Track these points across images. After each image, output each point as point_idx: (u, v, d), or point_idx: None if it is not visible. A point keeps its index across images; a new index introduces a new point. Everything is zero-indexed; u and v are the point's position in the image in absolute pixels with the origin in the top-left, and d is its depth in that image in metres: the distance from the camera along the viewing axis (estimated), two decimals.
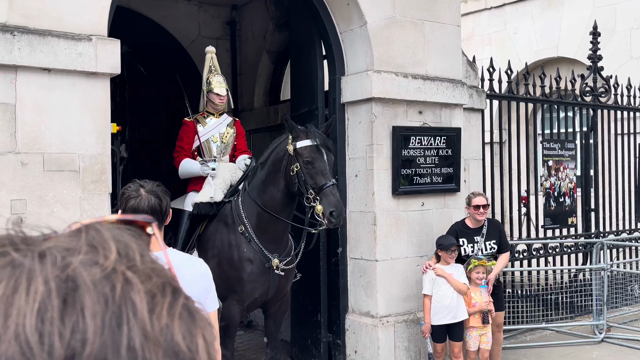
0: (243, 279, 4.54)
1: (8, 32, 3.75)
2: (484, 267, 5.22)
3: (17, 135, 3.81)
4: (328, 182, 4.25)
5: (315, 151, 4.31)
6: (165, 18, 7.29)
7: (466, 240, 5.31)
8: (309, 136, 4.34)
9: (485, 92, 6.62)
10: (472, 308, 5.11)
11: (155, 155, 6.90)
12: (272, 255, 4.50)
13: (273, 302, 4.74)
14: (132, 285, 0.47)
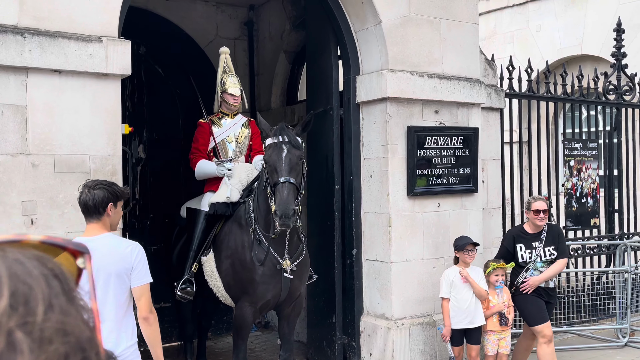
0: (255, 280, 4.51)
1: (19, 34, 3.77)
2: (502, 270, 5.13)
3: (28, 136, 3.83)
4: (280, 179, 4.07)
5: (274, 148, 4.19)
6: (183, 19, 7.29)
7: (524, 246, 5.09)
8: (273, 134, 4.24)
9: (504, 91, 6.50)
10: (489, 310, 5.02)
11: (173, 155, 6.90)
12: (282, 257, 4.46)
13: (286, 304, 4.70)
14: (15, 354, 0.34)
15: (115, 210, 3.10)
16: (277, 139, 4.21)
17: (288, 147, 4.17)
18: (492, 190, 6.35)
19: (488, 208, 6.27)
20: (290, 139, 4.21)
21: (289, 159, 4.15)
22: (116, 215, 3.13)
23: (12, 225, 3.78)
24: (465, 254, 5.01)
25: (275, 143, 4.20)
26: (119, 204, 3.13)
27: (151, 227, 6.91)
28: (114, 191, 3.05)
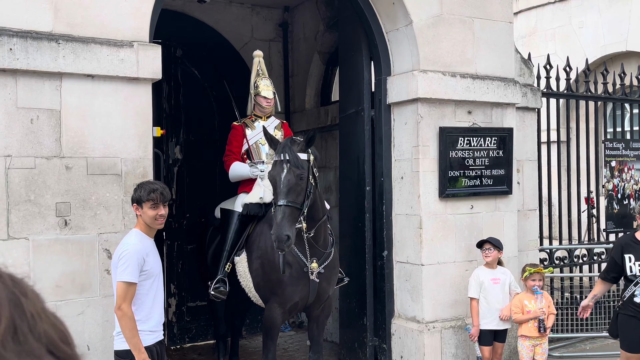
0: (283, 281, 4.53)
1: (53, 41, 3.88)
2: (540, 275, 5.03)
3: (62, 140, 3.94)
4: (279, 202, 4.05)
5: (275, 167, 4.17)
6: (219, 21, 7.38)
7: (633, 257, 4.38)
8: (277, 151, 4.20)
9: (540, 90, 6.36)
10: (525, 315, 4.93)
11: (209, 156, 7.00)
12: (309, 259, 4.46)
13: (315, 306, 4.71)
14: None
15: (142, 210, 3.42)
16: (278, 157, 4.17)
17: (288, 166, 4.10)
18: (528, 192, 6.23)
19: (524, 210, 6.15)
20: (291, 157, 4.12)
21: (287, 179, 4.09)
22: (144, 214, 3.42)
23: (47, 226, 3.90)
24: (482, 252, 5.09)
25: (277, 162, 4.18)
26: (144, 204, 3.40)
27: (187, 227, 7.02)
28: (137, 194, 3.44)
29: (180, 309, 6.97)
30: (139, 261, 3.34)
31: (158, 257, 3.58)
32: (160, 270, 3.56)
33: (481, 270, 5.10)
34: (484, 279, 5.03)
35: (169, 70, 6.81)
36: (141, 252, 3.36)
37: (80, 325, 3.99)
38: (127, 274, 3.29)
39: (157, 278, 3.51)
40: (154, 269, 3.46)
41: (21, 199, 3.83)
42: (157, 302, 3.53)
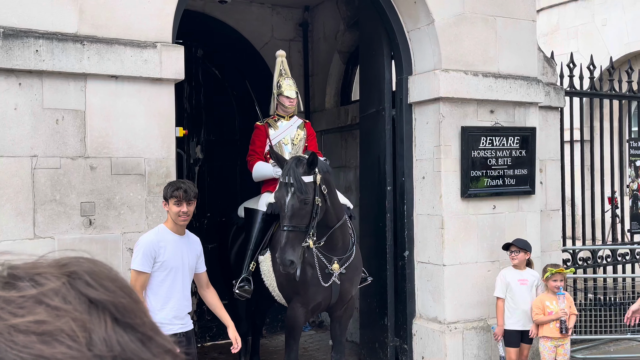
0: (306, 281, 4.53)
1: (78, 42, 3.92)
2: (561, 275, 4.99)
3: (87, 140, 3.98)
4: (283, 226, 4.05)
5: (281, 190, 4.13)
6: (239, 21, 7.40)
7: None
8: (284, 172, 4.15)
9: (564, 89, 6.29)
10: (547, 317, 4.88)
11: (230, 156, 7.03)
12: (331, 260, 4.46)
13: (338, 306, 4.71)
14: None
15: (168, 206, 3.67)
16: (283, 179, 4.13)
17: (292, 190, 4.05)
18: (551, 192, 6.17)
19: (547, 210, 6.09)
20: (295, 182, 4.06)
21: (291, 204, 4.05)
22: (170, 210, 3.66)
23: (72, 225, 3.94)
24: (509, 255, 5.09)
25: (281, 184, 4.15)
26: (170, 201, 3.63)
27: (208, 226, 7.05)
28: (165, 191, 3.70)
29: (201, 308, 7.00)
30: (150, 252, 3.55)
31: (182, 253, 3.68)
32: (179, 265, 3.65)
33: (508, 271, 5.10)
34: (511, 280, 5.02)
35: (189, 71, 6.82)
36: (154, 244, 3.57)
37: None
38: (136, 263, 3.56)
39: (174, 272, 3.63)
40: (170, 262, 3.61)
41: (47, 198, 3.87)
42: (173, 296, 3.65)
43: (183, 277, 3.69)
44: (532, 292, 5.06)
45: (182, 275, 3.68)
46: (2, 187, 3.76)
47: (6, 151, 3.77)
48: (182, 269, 3.67)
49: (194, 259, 3.82)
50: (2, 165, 3.76)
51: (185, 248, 3.73)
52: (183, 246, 3.71)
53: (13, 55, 3.74)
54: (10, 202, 3.78)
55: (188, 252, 3.75)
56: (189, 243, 3.80)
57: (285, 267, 4.01)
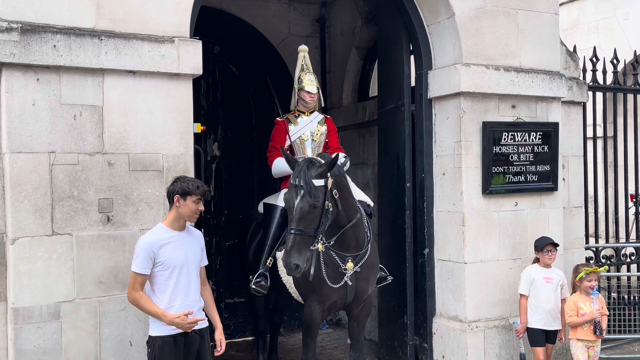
0: (321, 279, 4.47)
1: (96, 37, 3.89)
2: (596, 275, 4.87)
3: (105, 136, 3.95)
4: (290, 229, 3.94)
5: (291, 192, 4.03)
6: (256, 18, 7.35)
7: None
8: (294, 173, 4.04)
9: (587, 83, 6.17)
10: (581, 318, 4.76)
11: (247, 153, 6.98)
12: (345, 258, 4.39)
13: (354, 305, 4.65)
14: None
15: (184, 202, 3.56)
16: (293, 181, 4.02)
17: (301, 193, 3.96)
18: (573, 188, 6.05)
19: (569, 207, 5.98)
20: (305, 185, 3.96)
21: (300, 207, 3.95)
22: (185, 206, 3.57)
23: (90, 221, 3.92)
24: (545, 255, 4.97)
25: (292, 185, 4.04)
26: (188, 198, 3.55)
27: (225, 224, 7.02)
28: (182, 186, 3.56)
29: (218, 306, 6.92)
30: (149, 253, 3.51)
31: (184, 249, 3.62)
32: (182, 262, 3.59)
33: (534, 267, 5.01)
34: (536, 276, 4.93)
35: (206, 67, 6.74)
36: (152, 245, 3.52)
37: (123, 320, 4.00)
38: (136, 265, 3.54)
39: (178, 269, 3.58)
40: (172, 260, 3.56)
41: (65, 195, 3.85)
42: (179, 294, 3.59)
43: (188, 273, 3.62)
44: (557, 291, 4.97)
45: (187, 272, 3.62)
46: (21, 183, 3.74)
47: (24, 147, 3.75)
48: (187, 265, 3.62)
49: (198, 252, 3.75)
50: (21, 162, 3.75)
51: (188, 243, 3.67)
52: (185, 241, 3.65)
53: (31, 50, 3.72)
54: (28, 198, 3.76)
55: (191, 246, 3.69)
56: (191, 237, 3.73)
57: (290, 270, 3.94)
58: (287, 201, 4.07)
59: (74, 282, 3.86)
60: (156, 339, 3.59)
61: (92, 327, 3.92)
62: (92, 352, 3.93)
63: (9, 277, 3.79)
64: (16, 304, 3.74)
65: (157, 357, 3.57)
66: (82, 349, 3.90)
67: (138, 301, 3.55)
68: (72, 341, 3.87)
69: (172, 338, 3.58)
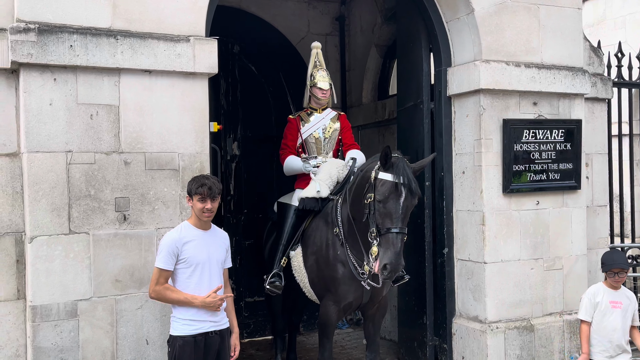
0: (337, 279, 4.44)
1: (112, 37, 3.91)
2: None
3: (121, 135, 3.97)
4: (393, 228, 3.79)
5: (393, 189, 3.84)
6: (275, 16, 7.35)
7: None
8: (394, 170, 3.87)
9: (611, 80, 6.04)
10: None
11: (266, 152, 6.98)
12: (362, 262, 4.35)
13: (370, 305, 4.61)
14: None
15: (192, 202, 3.63)
16: (397, 179, 3.84)
17: (407, 192, 3.84)
18: (597, 187, 5.93)
19: (593, 206, 5.85)
20: (411, 183, 3.86)
21: (406, 206, 3.84)
22: (194, 206, 3.63)
23: (107, 220, 3.94)
24: (611, 278, 4.20)
25: (395, 184, 3.85)
26: (194, 197, 3.61)
27: (245, 223, 7.02)
28: (189, 186, 3.66)
29: (238, 304, 6.97)
30: (173, 249, 3.55)
31: (207, 248, 3.64)
32: (205, 260, 3.62)
33: (599, 288, 4.29)
34: (602, 300, 4.22)
35: (226, 67, 6.82)
36: (176, 242, 3.56)
37: (140, 319, 4.01)
38: (159, 260, 3.58)
39: (200, 267, 3.61)
40: (195, 257, 3.59)
41: (82, 194, 3.87)
42: (201, 291, 3.60)
43: (210, 271, 3.65)
44: (625, 317, 4.24)
45: (209, 270, 3.65)
46: (38, 182, 3.78)
47: (42, 146, 3.78)
48: (209, 264, 3.65)
49: (222, 253, 3.76)
50: (38, 161, 3.78)
51: (212, 243, 3.70)
52: (209, 241, 3.68)
53: (48, 50, 3.74)
54: (46, 197, 3.79)
55: (215, 246, 3.71)
56: (216, 237, 3.75)
57: (394, 273, 3.80)
58: (386, 199, 3.84)
59: (90, 281, 3.89)
60: (177, 339, 3.60)
61: (109, 325, 3.94)
62: (109, 350, 3.95)
63: (28, 275, 3.83)
64: (34, 302, 3.77)
65: (178, 357, 3.59)
66: (99, 347, 3.92)
67: (163, 293, 3.59)
68: (89, 339, 3.89)
69: (193, 338, 3.59)
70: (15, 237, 3.89)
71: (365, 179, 4.10)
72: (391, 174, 3.89)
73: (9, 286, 3.88)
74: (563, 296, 5.38)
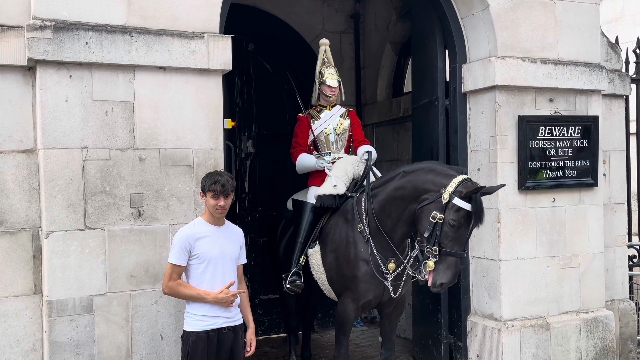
0: (357, 277, 4.42)
1: (127, 34, 3.93)
2: None
3: (136, 132, 3.99)
4: (458, 252, 3.89)
5: (467, 218, 3.88)
6: (290, 14, 7.35)
7: None
8: (472, 199, 3.86)
9: (629, 76, 5.96)
10: None
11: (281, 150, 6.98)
12: (387, 260, 4.33)
13: (388, 303, 4.59)
14: None
15: (205, 198, 3.64)
16: (474, 208, 3.86)
17: (477, 221, 3.91)
18: (615, 184, 5.86)
19: (610, 204, 5.79)
20: (482, 212, 3.91)
21: (471, 233, 3.99)
22: (207, 202, 3.65)
23: (122, 216, 3.96)
24: None
25: (469, 212, 3.87)
26: (207, 193, 3.61)
27: (260, 220, 7.03)
28: (202, 182, 3.68)
29: (253, 302, 6.97)
30: (185, 245, 3.58)
31: (220, 244, 3.66)
32: (217, 256, 3.64)
33: None
34: None
35: (241, 65, 6.83)
36: (189, 237, 3.59)
37: (154, 314, 4.04)
38: (172, 256, 3.62)
39: (213, 263, 3.63)
40: (208, 253, 3.61)
41: (97, 190, 3.90)
42: (214, 287, 3.62)
43: (223, 267, 3.66)
44: None
45: (222, 266, 3.66)
46: (54, 178, 3.81)
47: (58, 143, 3.82)
48: (222, 260, 3.66)
49: (236, 249, 3.77)
50: (54, 157, 3.81)
51: (225, 238, 3.71)
52: (222, 237, 3.70)
53: (64, 47, 3.78)
54: (61, 193, 3.83)
55: (228, 242, 3.72)
56: (229, 233, 3.77)
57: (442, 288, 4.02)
58: (459, 225, 3.87)
59: (106, 276, 3.92)
60: (190, 334, 3.63)
61: (124, 320, 3.97)
62: (124, 345, 3.97)
63: (44, 270, 3.87)
64: (50, 296, 3.81)
65: (191, 352, 3.61)
66: (114, 342, 3.95)
67: (176, 289, 3.62)
68: (105, 334, 3.93)
69: (206, 334, 3.61)
70: (32, 232, 3.93)
71: (426, 189, 4.04)
72: (470, 203, 3.87)
73: (25, 281, 3.92)
74: (580, 294, 5.33)
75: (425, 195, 4.03)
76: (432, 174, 4.08)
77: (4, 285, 3.87)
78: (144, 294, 4.01)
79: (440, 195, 3.92)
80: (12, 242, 3.89)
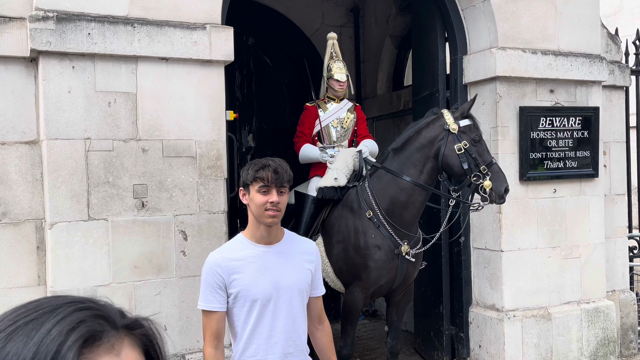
0: (369, 266, 4.42)
1: (129, 25, 3.93)
2: None
3: (138, 123, 4.00)
4: (493, 159, 4.21)
5: (477, 130, 4.25)
6: (290, 8, 7.36)
7: None
8: (467, 116, 4.27)
9: (629, 67, 5.98)
10: None
11: (281, 144, 6.99)
12: (401, 241, 4.35)
13: (398, 291, 4.59)
14: None
15: (248, 196, 2.53)
16: (474, 120, 4.29)
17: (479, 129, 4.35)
18: (615, 176, 5.88)
19: (611, 195, 5.81)
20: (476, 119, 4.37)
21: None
22: (252, 202, 2.50)
23: (125, 207, 3.97)
24: None
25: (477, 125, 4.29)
26: (251, 187, 2.51)
27: None
28: (243, 175, 2.57)
29: None
30: (214, 280, 2.45)
31: (273, 273, 2.48)
32: (269, 294, 2.45)
33: None
34: None
35: (241, 59, 6.84)
36: (219, 266, 2.45)
37: (158, 305, 4.04)
38: (200, 300, 2.49)
39: (260, 306, 2.45)
40: (250, 291, 2.44)
41: (100, 180, 3.91)
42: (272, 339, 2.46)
43: (280, 309, 2.48)
44: None
45: (278, 307, 2.47)
46: (58, 169, 3.82)
47: (61, 134, 3.82)
48: (277, 298, 2.46)
49: (304, 275, 2.54)
50: (57, 148, 3.82)
51: (284, 263, 2.51)
52: (276, 261, 2.50)
53: (66, 38, 3.78)
54: (65, 184, 3.83)
55: (290, 267, 2.52)
56: (293, 253, 2.55)
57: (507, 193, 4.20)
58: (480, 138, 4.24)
59: (109, 267, 3.92)
60: None
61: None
62: None
63: (48, 261, 3.87)
64: (54, 287, 3.82)
65: None
66: None
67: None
68: None
69: None
70: (36, 223, 3.94)
71: (432, 138, 4.27)
72: (468, 118, 4.25)
73: (30, 272, 3.93)
74: (581, 285, 5.35)
75: (437, 144, 4.25)
76: (423, 132, 4.31)
77: (8, 277, 3.88)
78: (147, 285, 4.02)
79: (449, 130, 4.20)
80: (16, 234, 3.89)
